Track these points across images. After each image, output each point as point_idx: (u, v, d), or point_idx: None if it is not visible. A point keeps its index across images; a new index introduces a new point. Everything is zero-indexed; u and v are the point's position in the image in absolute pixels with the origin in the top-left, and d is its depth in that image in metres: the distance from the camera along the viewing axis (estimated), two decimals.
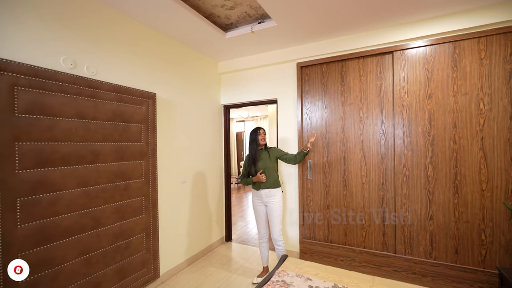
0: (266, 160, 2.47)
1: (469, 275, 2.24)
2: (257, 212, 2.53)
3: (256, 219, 2.57)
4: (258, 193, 2.48)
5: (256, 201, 2.52)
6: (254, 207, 2.54)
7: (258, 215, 2.53)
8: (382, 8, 2.16)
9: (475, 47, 2.23)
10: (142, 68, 2.38)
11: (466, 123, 2.26)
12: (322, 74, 2.88)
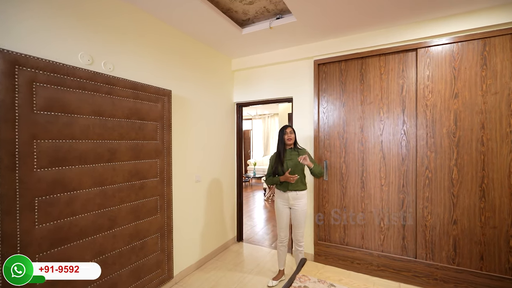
0: (294, 160, 2.34)
1: (495, 282, 2.15)
2: (280, 215, 2.40)
3: (278, 222, 2.42)
4: (284, 195, 2.35)
5: (281, 204, 2.39)
6: (278, 209, 2.40)
7: (281, 218, 2.40)
8: (406, 3, 2.06)
9: (507, 44, 2.12)
10: (157, 64, 2.32)
11: (496, 124, 2.15)
12: (340, 72, 2.79)
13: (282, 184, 2.34)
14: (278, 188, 2.39)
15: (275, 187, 2.43)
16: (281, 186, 2.35)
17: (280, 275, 2.52)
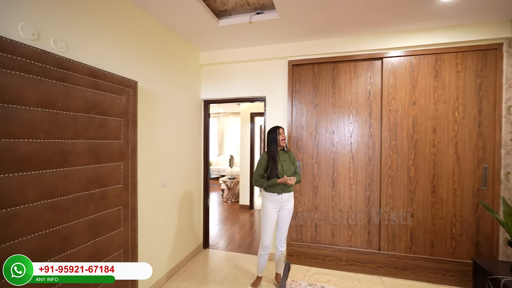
0: (287, 163, 2.28)
1: (442, 265, 2.49)
2: (269, 219, 2.26)
3: (265, 227, 2.27)
4: (277, 198, 2.24)
5: (272, 207, 2.25)
6: (267, 214, 2.25)
7: (269, 223, 2.26)
8: (377, 14, 2.21)
9: (453, 61, 2.48)
10: (121, 48, 1.96)
11: (444, 129, 2.50)
12: (313, 74, 2.85)
13: (278, 187, 2.23)
14: (271, 191, 2.24)
15: (266, 190, 2.26)
16: (276, 189, 2.23)
17: (258, 282, 2.42)
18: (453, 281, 2.46)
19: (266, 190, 2.26)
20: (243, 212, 5.04)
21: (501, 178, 2.37)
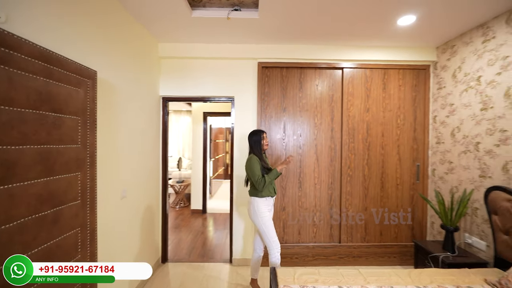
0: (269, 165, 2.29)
1: (389, 249, 2.92)
2: (269, 222, 2.19)
3: (273, 231, 2.18)
4: (270, 201, 2.24)
5: (267, 210, 2.20)
6: (267, 218, 2.18)
7: (271, 225, 2.19)
8: (341, 29, 2.42)
9: (396, 76, 2.93)
10: (77, 29, 1.55)
11: (390, 133, 2.93)
12: (282, 77, 2.90)
13: (271, 188, 2.23)
14: (267, 194, 2.19)
15: (262, 195, 2.18)
16: (271, 190, 2.23)
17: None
18: (396, 261, 2.92)
19: (262, 195, 2.19)
20: (196, 218, 4.75)
21: (429, 174, 2.94)
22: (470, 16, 2.18)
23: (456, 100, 2.55)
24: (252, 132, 2.29)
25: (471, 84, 2.38)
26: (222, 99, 2.96)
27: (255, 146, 2.22)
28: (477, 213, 2.30)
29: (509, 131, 2.03)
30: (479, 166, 2.29)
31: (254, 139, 2.24)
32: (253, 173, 2.13)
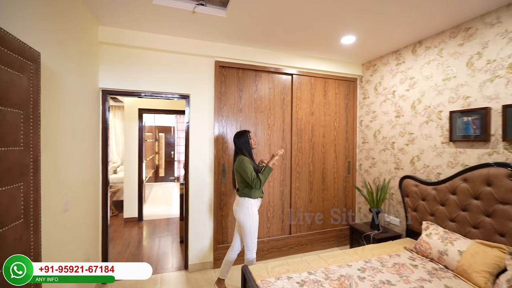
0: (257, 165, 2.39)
1: (328, 234, 3.39)
2: (257, 223, 2.24)
3: (256, 232, 2.24)
4: (259, 201, 2.30)
5: (256, 212, 2.26)
6: (256, 219, 2.23)
7: (257, 226, 2.25)
8: (296, 40, 2.69)
9: (333, 85, 3.41)
10: None
11: (329, 134, 3.39)
12: (238, 78, 2.94)
13: (261, 191, 2.28)
14: (258, 196, 2.24)
15: (254, 196, 2.21)
16: (262, 191, 2.29)
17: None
18: (334, 244, 3.42)
19: (255, 196, 2.22)
20: (131, 227, 4.23)
21: (357, 168, 3.56)
22: (387, 43, 2.77)
23: (377, 108, 3.20)
24: (238, 134, 2.29)
25: (388, 96, 3.03)
26: (176, 96, 2.76)
27: (244, 147, 2.24)
28: (393, 197, 2.96)
29: (414, 134, 2.70)
30: (394, 161, 2.94)
31: (242, 140, 2.25)
32: (248, 173, 2.12)
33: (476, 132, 2.12)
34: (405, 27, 2.38)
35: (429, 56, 2.54)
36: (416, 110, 2.67)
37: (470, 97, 2.19)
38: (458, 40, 2.29)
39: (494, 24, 2.04)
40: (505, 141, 1.95)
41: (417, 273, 1.90)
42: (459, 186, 2.18)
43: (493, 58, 2.03)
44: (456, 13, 2.12)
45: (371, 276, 1.86)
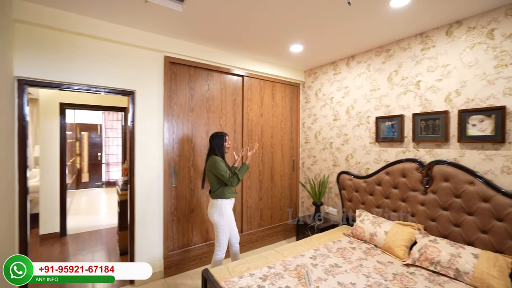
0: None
1: (276, 229, 3.60)
2: (231, 223, 2.35)
3: (227, 232, 2.32)
4: (233, 201, 2.40)
5: (231, 211, 2.35)
6: (231, 219, 2.34)
7: (230, 226, 2.34)
8: (249, 42, 2.78)
9: (281, 88, 3.64)
10: None
11: (276, 135, 3.60)
12: (190, 77, 2.83)
13: (233, 188, 2.37)
14: (231, 196, 2.33)
15: (227, 196, 2.29)
16: (234, 191, 2.39)
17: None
18: (281, 238, 3.65)
19: (227, 196, 2.29)
20: (51, 245, 3.53)
21: (300, 166, 3.89)
22: (327, 55, 3.13)
23: (318, 112, 3.57)
24: (214, 134, 2.36)
25: (327, 102, 3.43)
26: (118, 92, 2.46)
27: (218, 147, 2.32)
28: (332, 190, 3.37)
29: (348, 135, 3.14)
30: (332, 159, 3.35)
31: (217, 141, 2.33)
32: (222, 172, 2.19)
33: (394, 135, 2.63)
34: (342, 43, 2.74)
35: (360, 69, 3.00)
36: (350, 114, 3.12)
37: (390, 105, 2.70)
38: (381, 58, 2.78)
39: (406, 48, 2.57)
40: (414, 142, 2.48)
41: (356, 254, 2.24)
42: (383, 178, 2.65)
43: (406, 76, 2.56)
44: (379, 37, 2.57)
45: (322, 262, 2.09)
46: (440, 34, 2.31)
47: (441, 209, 2.21)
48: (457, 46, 2.20)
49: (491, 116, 1.99)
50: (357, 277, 1.87)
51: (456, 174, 2.13)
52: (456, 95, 2.20)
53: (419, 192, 2.37)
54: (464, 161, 2.15)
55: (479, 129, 2.05)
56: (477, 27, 2.09)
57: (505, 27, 1.95)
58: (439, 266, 1.90)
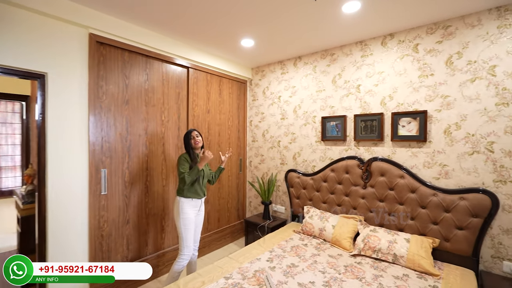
0: (207, 167, 2.38)
1: (223, 232, 3.42)
2: (190, 226, 2.21)
3: (190, 234, 2.21)
4: (197, 202, 2.28)
5: (193, 213, 2.24)
6: (190, 220, 2.21)
7: (191, 229, 2.22)
8: (196, 29, 2.53)
9: (228, 84, 3.46)
10: None
11: (224, 133, 3.41)
12: (124, 62, 2.37)
13: (198, 189, 2.25)
14: (192, 196, 2.21)
15: (187, 195, 2.19)
16: (198, 192, 2.25)
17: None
18: (229, 240, 3.50)
19: (187, 196, 2.19)
20: None
21: (247, 165, 3.81)
22: (275, 54, 3.13)
23: (266, 110, 3.55)
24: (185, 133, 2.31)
25: (275, 100, 3.44)
26: (19, 73, 1.84)
27: (185, 146, 2.29)
28: (279, 188, 3.40)
29: (296, 134, 3.22)
30: (280, 157, 3.39)
31: (185, 138, 2.29)
32: (178, 170, 2.16)
33: (338, 134, 2.81)
34: (291, 42, 2.76)
35: (307, 70, 3.10)
36: (297, 114, 3.20)
37: (334, 106, 2.87)
38: (326, 61, 2.94)
39: (348, 54, 2.77)
40: (355, 141, 2.70)
41: (309, 250, 2.28)
42: (329, 175, 2.81)
43: (348, 79, 2.76)
44: (325, 41, 2.70)
45: (279, 264, 2.04)
46: (377, 43, 2.57)
47: (378, 201, 2.47)
48: (390, 55, 2.49)
49: (416, 119, 2.31)
50: (314, 274, 1.89)
51: (390, 169, 2.41)
52: (390, 99, 2.48)
53: (360, 187, 2.59)
54: (396, 157, 2.44)
55: (407, 130, 2.36)
56: (405, 41, 2.40)
57: (427, 43, 2.29)
58: (380, 253, 2.10)
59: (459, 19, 2.14)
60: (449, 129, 2.18)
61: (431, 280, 1.82)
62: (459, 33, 2.14)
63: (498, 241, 1.98)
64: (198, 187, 2.25)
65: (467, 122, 2.10)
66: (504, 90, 1.95)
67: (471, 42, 2.09)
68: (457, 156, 2.14)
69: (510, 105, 1.93)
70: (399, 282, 1.79)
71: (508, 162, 1.94)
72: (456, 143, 2.15)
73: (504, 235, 1.96)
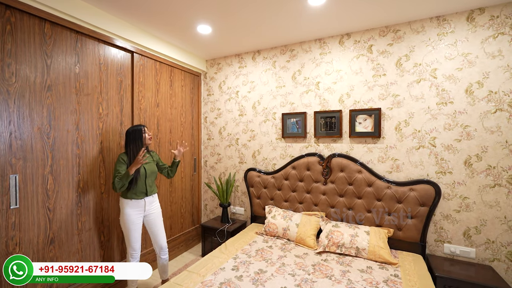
0: (152, 164, 2.20)
1: (177, 240, 3.06)
2: (134, 227, 2.06)
3: (132, 236, 2.05)
4: (139, 203, 2.08)
5: (135, 214, 2.06)
6: (132, 222, 2.04)
7: (135, 230, 2.07)
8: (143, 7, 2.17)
9: (180, 76, 3.11)
10: None
11: (176, 130, 3.05)
12: (43, 36, 1.84)
13: (138, 190, 2.06)
14: (132, 197, 2.04)
15: (126, 196, 2.04)
16: (137, 193, 2.06)
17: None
18: (183, 249, 3.15)
19: (127, 196, 2.04)
20: None
21: (202, 165, 3.50)
22: (232, 46, 2.93)
23: (222, 106, 3.32)
24: (130, 129, 2.09)
25: (232, 96, 3.24)
26: None
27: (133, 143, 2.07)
28: (238, 189, 3.21)
29: (255, 131, 3.08)
30: (238, 155, 3.20)
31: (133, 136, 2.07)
32: (115, 171, 2.00)
33: (299, 131, 2.78)
34: (250, 34, 2.60)
35: (266, 65, 3.00)
36: (256, 110, 3.07)
37: (294, 103, 2.83)
38: (286, 57, 2.88)
39: (307, 51, 2.76)
40: (315, 137, 2.71)
41: (275, 252, 2.16)
42: (290, 173, 2.75)
43: (308, 76, 2.76)
44: (285, 35, 2.63)
45: (246, 272, 1.86)
46: (335, 42, 2.62)
47: (339, 196, 2.51)
48: (347, 54, 2.56)
49: (372, 116, 2.43)
50: (284, 278, 1.77)
51: (349, 165, 2.47)
52: (347, 97, 2.56)
53: (320, 183, 2.60)
54: (353, 153, 2.53)
55: (363, 127, 2.47)
56: (361, 41, 2.51)
57: (379, 45, 2.43)
58: (344, 247, 2.12)
59: (407, 24, 2.32)
60: (399, 126, 2.35)
61: (391, 269, 1.90)
62: (407, 38, 2.32)
63: (440, 226, 2.21)
64: (137, 188, 2.05)
65: (414, 120, 2.29)
66: (443, 91, 2.19)
67: (416, 46, 2.28)
68: (406, 150, 2.32)
69: (448, 104, 2.17)
70: (366, 275, 1.81)
71: (447, 155, 2.17)
72: (405, 139, 2.32)
73: (444, 220, 2.19)
